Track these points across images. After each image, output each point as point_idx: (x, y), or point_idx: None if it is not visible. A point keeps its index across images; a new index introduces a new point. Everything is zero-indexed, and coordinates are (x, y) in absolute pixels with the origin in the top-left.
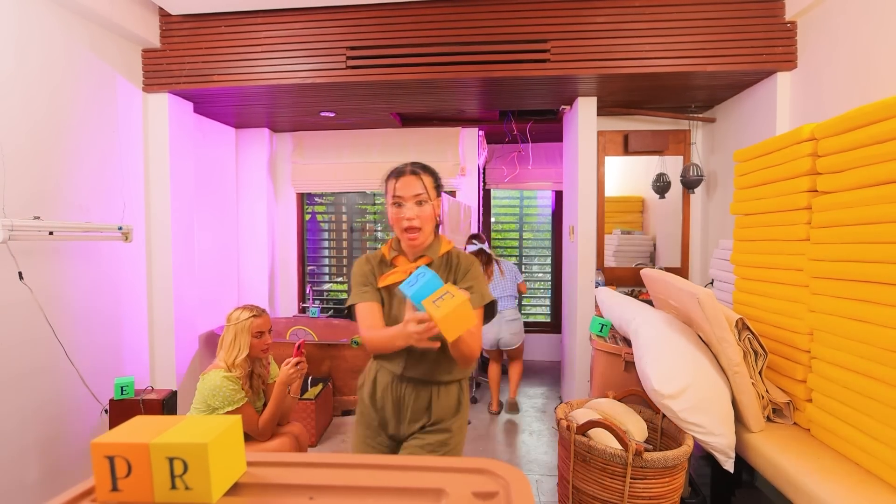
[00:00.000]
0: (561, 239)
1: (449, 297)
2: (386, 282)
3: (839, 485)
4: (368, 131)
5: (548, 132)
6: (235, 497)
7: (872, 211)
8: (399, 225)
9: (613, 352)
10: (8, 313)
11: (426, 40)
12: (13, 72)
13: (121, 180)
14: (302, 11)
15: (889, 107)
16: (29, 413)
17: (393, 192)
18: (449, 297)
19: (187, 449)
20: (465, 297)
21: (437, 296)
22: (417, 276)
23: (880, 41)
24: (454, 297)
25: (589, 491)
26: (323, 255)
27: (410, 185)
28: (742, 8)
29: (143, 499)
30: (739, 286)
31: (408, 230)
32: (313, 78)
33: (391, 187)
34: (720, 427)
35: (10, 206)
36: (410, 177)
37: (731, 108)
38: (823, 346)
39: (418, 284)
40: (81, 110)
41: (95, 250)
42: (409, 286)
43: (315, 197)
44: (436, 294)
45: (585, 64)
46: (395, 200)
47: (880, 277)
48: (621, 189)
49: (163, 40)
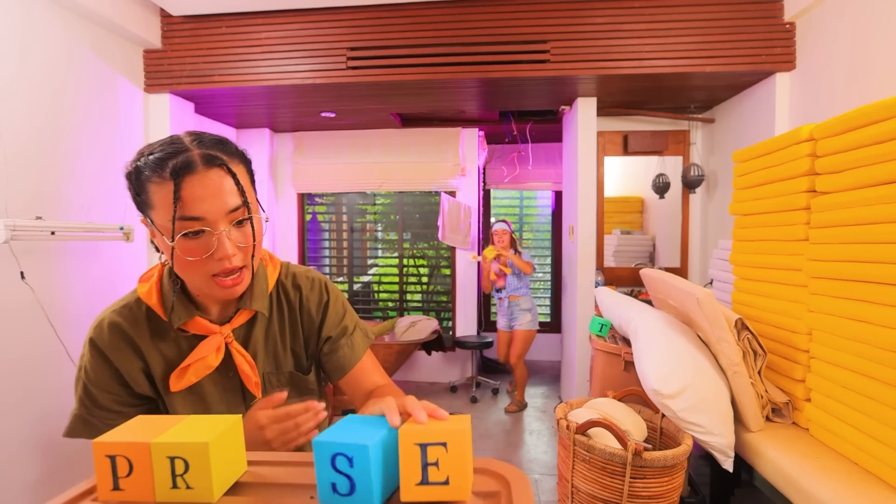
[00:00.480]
0: (561, 239)
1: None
2: (184, 382)
3: (838, 484)
4: (368, 131)
5: (548, 132)
6: (236, 496)
7: (871, 211)
8: (202, 270)
9: (613, 352)
10: (9, 313)
11: (426, 41)
12: (16, 73)
13: (122, 180)
14: (302, 12)
15: (888, 107)
16: (30, 412)
17: (173, 203)
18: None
19: (188, 448)
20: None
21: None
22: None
23: (879, 42)
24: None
25: (589, 490)
26: (324, 256)
27: (215, 190)
28: (741, 9)
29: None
30: (738, 286)
31: (222, 275)
32: (314, 78)
33: (161, 194)
34: (719, 427)
35: (13, 206)
36: (215, 171)
37: (731, 108)
38: (822, 346)
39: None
40: (83, 111)
41: (97, 250)
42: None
43: (315, 197)
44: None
45: (585, 64)
46: (183, 225)
47: (879, 277)
48: (621, 189)
49: (164, 41)
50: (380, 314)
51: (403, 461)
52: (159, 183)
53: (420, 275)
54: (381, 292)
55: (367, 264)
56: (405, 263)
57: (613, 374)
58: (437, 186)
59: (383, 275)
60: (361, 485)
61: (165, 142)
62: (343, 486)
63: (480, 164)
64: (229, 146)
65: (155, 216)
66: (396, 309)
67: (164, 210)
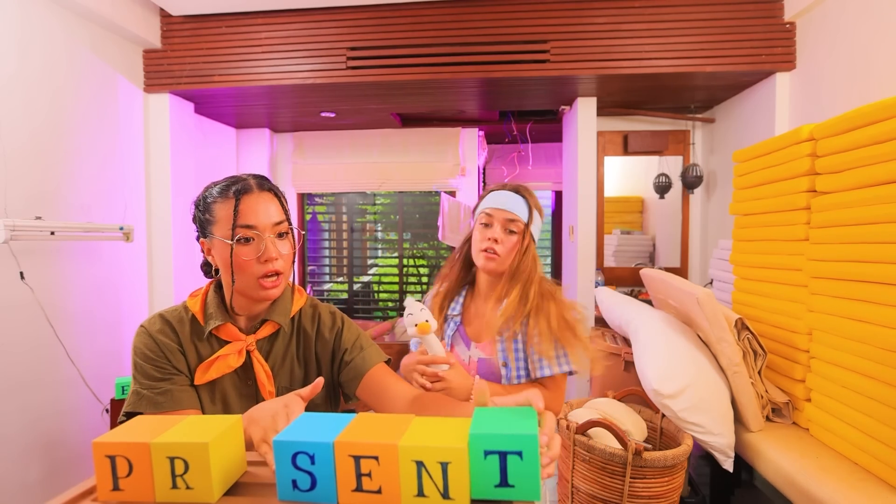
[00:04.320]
0: (561, 239)
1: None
2: (207, 375)
3: (838, 484)
4: (368, 131)
5: (548, 132)
6: (236, 496)
7: (871, 211)
8: (251, 271)
9: (613, 352)
10: (9, 313)
11: (426, 41)
12: (15, 72)
13: (122, 180)
14: (302, 12)
15: (888, 107)
16: (30, 412)
17: (234, 216)
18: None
19: (188, 448)
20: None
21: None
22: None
23: (879, 41)
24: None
25: (589, 490)
26: (324, 256)
27: (265, 206)
28: (741, 8)
29: (144, 498)
30: (738, 286)
31: (266, 277)
32: (314, 78)
33: (224, 210)
34: (719, 427)
35: (12, 206)
36: (266, 194)
37: (731, 108)
38: (822, 346)
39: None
40: (83, 111)
41: (97, 250)
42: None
43: (315, 197)
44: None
45: (585, 64)
46: (242, 231)
47: (879, 277)
48: (621, 189)
49: (164, 41)
50: (380, 314)
51: (340, 469)
52: (223, 202)
53: (420, 275)
54: (381, 292)
55: (367, 264)
56: (405, 263)
57: (613, 375)
58: (437, 186)
59: (383, 275)
60: (323, 481)
61: (228, 177)
62: (304, 483)
63: (480, 164)
64: (273, 185)
65: (216, 230)
66: (396, 309)
67: (226, 221)
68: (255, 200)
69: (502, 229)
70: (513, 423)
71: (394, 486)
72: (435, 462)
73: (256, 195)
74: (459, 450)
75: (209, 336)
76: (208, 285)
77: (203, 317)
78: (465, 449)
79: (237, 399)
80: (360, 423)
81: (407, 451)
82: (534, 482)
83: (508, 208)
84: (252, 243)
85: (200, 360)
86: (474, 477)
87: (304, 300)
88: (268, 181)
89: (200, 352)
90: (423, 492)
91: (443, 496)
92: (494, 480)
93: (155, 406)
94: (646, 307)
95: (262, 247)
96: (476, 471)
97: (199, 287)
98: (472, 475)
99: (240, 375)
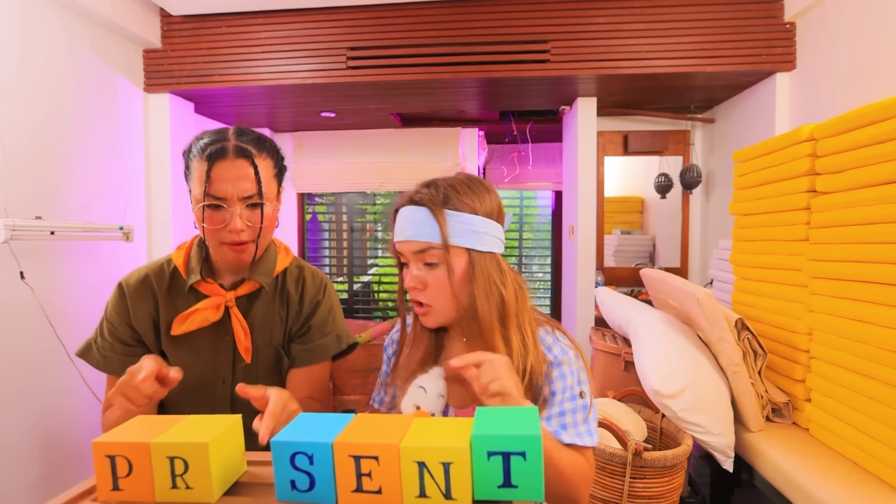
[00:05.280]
0: (561, 239)
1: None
2: (184, 327)
3: (838, 484)
4: (368, 131)
5: (548, 132)
6: (236, 496)
7: (871, 211)
8: (217, 236)
9: (613, 352)
10: (9, 313)
11: (426, 40)
12: (15, 72)
13: (122, 180)
14: (302, 12)
15: (888, 107)
16: (29, 412)
17: (205, 181)
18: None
19: (188, 448)
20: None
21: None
22: None
23: (879, 42)
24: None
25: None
26: (324, 255)
27: (237, 176)
28: (741, 9)
29: (143, 498)
30: (738, 286)
31: (232, 244)
32: (314, 78)
33: (199, 170)
34: (719, 427)
35: (12, 205)
36: (240, 161)
37: (731, 108)
38: (822, 346)
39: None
40: (83, 110)
41: (96, 250)
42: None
43: (315, 197)
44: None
45: (585, 64)
46: (210, 200)
47: (879, 278)
48: (621, 189)
49: (164, 41)
50: (380, 314)
51: (339, 470)
52: (199, 162)
53: None
54: (381, 292)
55: (367, 264)
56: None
57: (613, 375)
58: None
59: (383, 275)
60: (321, 481)
61: (215, 131)
62: (302, 483)
63: (480, 164)
64: (265, 143)
65: (192, 187)
66: (396, 309)
67: (199, 183)
68: (227, 169)
69: (419, 265)
70: (515, 424)
71: (395, 487)
72: (437, 462)
73: (230, 162)
74: (461, 450)
75: (190, 290)
76: (193, 238)
77: (185, 270)
78: (467, 449)
79: (213, 354)
80: (359, 424)
81: (409, 451)
82: (537, 482)
83: (411, 236)
84: (220, 210)
85: (177, 313)
86: (478, 478)
87: (289, 260)
88: (249, 143)
89: (178, 306)
90: (425, 492)
91: (445, 496)
92: (498, 481)
93: (98, 363)
94: (646, 307)
95: (227, 217)
96: (479, 472)
97: (189, 239)
98: (475, 476)
99: (218, 330)
